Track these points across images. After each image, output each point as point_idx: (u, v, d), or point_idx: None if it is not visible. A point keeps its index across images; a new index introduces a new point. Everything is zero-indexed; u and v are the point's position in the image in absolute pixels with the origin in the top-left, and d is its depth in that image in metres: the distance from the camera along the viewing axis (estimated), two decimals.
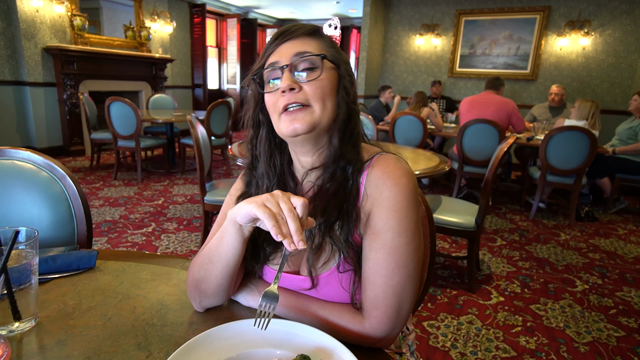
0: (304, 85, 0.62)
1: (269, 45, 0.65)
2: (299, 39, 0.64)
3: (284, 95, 0.61)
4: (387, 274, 0.60)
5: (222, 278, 0.63)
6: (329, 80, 0.63)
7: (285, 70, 0.62)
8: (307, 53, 0.62)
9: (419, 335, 1.76)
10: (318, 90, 0.62)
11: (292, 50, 0.62)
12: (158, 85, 6.23)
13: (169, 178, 4.27)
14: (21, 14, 4.48)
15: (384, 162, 0.64)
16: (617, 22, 4.94)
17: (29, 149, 1.03)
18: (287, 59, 0.62)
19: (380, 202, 0.61)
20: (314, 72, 0.62)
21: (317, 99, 0.62)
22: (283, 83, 0.61)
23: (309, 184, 0.69)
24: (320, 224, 0.63)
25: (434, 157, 2.38)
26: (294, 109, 0.62)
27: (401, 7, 6.20)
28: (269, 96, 0.64)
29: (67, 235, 1.03)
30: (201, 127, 2.30)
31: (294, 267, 0.69)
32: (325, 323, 0.62)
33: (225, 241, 0.60)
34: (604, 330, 1.87)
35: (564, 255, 2.74)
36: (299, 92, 0.61)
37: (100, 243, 2.59)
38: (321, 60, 0.63)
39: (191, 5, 7.13)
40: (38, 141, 4.87)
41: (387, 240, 0.60)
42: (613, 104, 5.05)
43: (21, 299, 0.59)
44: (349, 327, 0.61)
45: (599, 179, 3.69)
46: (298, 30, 0.64)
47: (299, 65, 0.62)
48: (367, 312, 0.61)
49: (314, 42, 0.64)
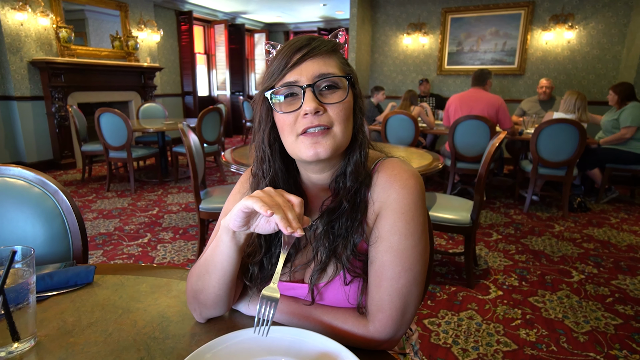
0: (327, 107, 0.59)
1: (285, 61, 0.59)
2: (320, 57, 0.60)
3: (306, 117, 0.58)
4: (393, 276, 0.60)
5: (219, 289, 0.62)
6: (349, 101, 0.62)
7: (307, 91, 0.58)
8: (331, 74, 0.59)
9: (420, 334, 1.77)
10: (342, 113, 0.60)
11: (315, 70, 0.59)
12: (147, 94, 6.19)
13: (163, 187, 4.24)
14: (5, 28, 4.43)
15: (390, 165, 0.64)
16: (599, 15, 5.02)
17: (19, 165, 1.02)
18: (309, 78, 0.58)
19: (387, 205, 0.61)
20: (337, 93, 0.60)
21: (341, 121, 0.60)
22: (308, 105, 0.57)
23: (319, 196, 0.69)
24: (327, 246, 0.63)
25: (426, 155, 2.39)
26: (315, 131, 0.59)
27: (387, 7, 6.24)
28: (285, 115, 0.60)
29: (63, 251, 1.02)
30: (193, 134, 2.29)
31: (299, 277, 0.68)
32: (329, 328, 0.62)
33: (220, 250, 0.60)
34: (602, 319, 1.89)
35: (559, 246, 2.77)
36: (323, 115, 0.59)
37: (95, 256, 2.56)
38: (347, 82, 0.61)
39: (178, 13, 7.11)
40: (28, 156, 4.81)
41: (394, 242, 0.60)
42: (600, 95, 5.13)
43: (19, 319, 0.58)
44: (354, 331, 0.61)
45: (590, 170, 3.74)
46: (320, 47, 0.60)
47: (321, 85, 0.59)
48: (372, 315, 0.61)
49: (334, 60, 0.61)
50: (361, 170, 0.64)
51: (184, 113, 7.53)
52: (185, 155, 4.55)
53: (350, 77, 0.61)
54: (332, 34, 0.65)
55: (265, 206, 0.50)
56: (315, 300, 0.65)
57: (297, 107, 0.59)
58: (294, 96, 0.60)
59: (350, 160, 0.64)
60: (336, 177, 0.66)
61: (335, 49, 0.62)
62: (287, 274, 0.69)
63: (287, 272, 0.69)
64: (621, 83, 3.69)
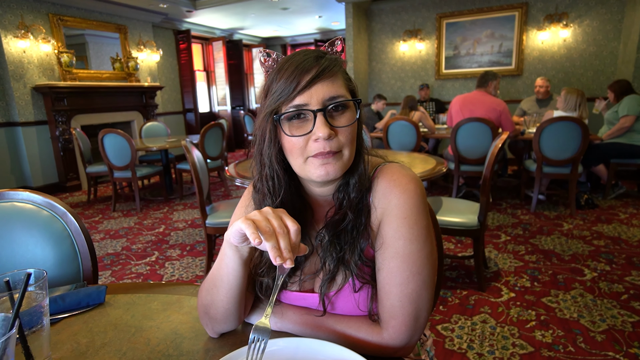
0: (338, 131, 0.59)
1: (295, 84, 0.57)
2: (328, 78, 0.58)
3: (317, 142, 0.58)
4: (402, 282, 0.60)
5: (228, 302, 0.62)
6: (356, 121, 0.61)
7: (319, 115, 0.57)
8: (341, 96, 0.59)
9: (434, 340, 1.74)
10: (350, 136, 0.60)
11: (325, 93, 0.58)
12: (149, 113, 6.26)
13: (168, 205, 4.25)
14: (8, 55, 4.52)
15: (389, 171, 0.64)
16: (593, 12, 5.05)
17: (26, 189, 1.03)
18: (319, 102, 0.57)
19: (389, 210, 0.61)
20: (345, 115, 0.60)
21: (349, 143, 0.60)
22: (321, 131, 0.56)
23: (323, 206, 0.69)
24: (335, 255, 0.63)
25: (430, 159, 2.39)
26: (324, 155, 0.58)
27: (382, 15, 6.31)
28: (295, 139, 0.59)
29: (73, 272, 1.02)
30: (196, 150, 2.31)
31: (308, 286, 0.68)
32: (343, 337, 0.61)
33: (225, 264, 0.60)
34: (618, 316, 1.86)
35: (569, 244, 2.74)
36: (334, 139, 0.58)
37: (104, 277, 2.56)
38: (355, 104, 0.61)
39: (176, 32, 7.23)
40: (33, 180, 4.85)
41: (399, 248, 0.60)
42: (599, 92, 5.13)
43: (34, 342, 0.58)
44: (368, 339, 0.60)
45: (595, 166, 3.72)
46: (328, 67, 0.58)
47: (330, 107, 0.58)
48: (385, 322, 0.61)
49: (340, 80, 0.60)
50: (365, 181, 0.64)
51: (186, 130, 7.60)
52: (189, 172, 4.57)
53: (359, 99, 0.61)
54: (328, 42, 0.64)
55: (255, 233, 0.49)
56: (327, 309, 0.65)
57: (307, 130, 0.58)
58: (302, 119, 0.59)
59: (355, 173, 0.64)
60: (339, 187, 0.66)
61: (340, 66, 0.61)
62: (296, 284, 0.69)
63: (296, 282, 0.68)
64: (617, 81, 3.75)
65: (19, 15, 4.59)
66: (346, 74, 0.63)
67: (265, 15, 7.13)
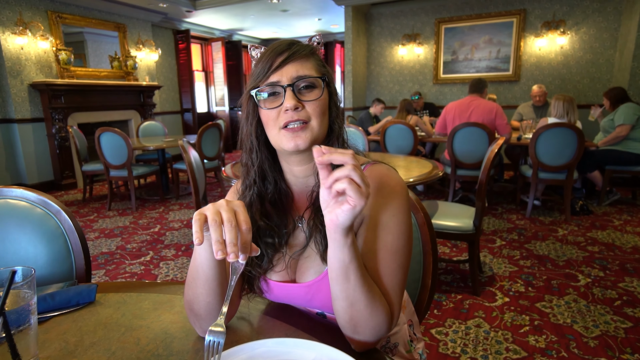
0: (305, 104, 0.66)
1: (269, 64, 0.66)
2: (298, 60, 0.67)
3: (287, 113, 0.65)
4: (390, 273, 0.63)
5: (208, 295, 0.62)
6: (325, 98, 0.68)
7: (287, 90, 0.65)
8: (309, 75, 0.66)
9: (428, 344, 1.74)
10: (318, 109, 0.67)
11: (294, 72, 0.66)
12: (147, 112, 6.24)
13: (164, 204, 4.23)
14: (5, 52, 4.50)
15: (377, 171, 0.68)
16: (590, 20, 5.10)
17: (20, 186, 1.03)
18: (289, 79, 0.66)
19: (377, 208, 0.65)
20: (314, 92, 0.67)
21: (317, 116, 0.67)
22: (288, 102, 0.64)
23: (303, 191, 0.73)
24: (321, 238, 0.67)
25: (426, 163, 2.40)
26: (295, 126, 0.65)
27: (381, 19, 6.34)
28: (269, 111, 0.67)
29: (65, 271, 1.01)
30: (193, 151, 2.31)
31: (290, 277, 0.71)
32: (369, 294, 0.60)
33: (197, 254, 0.60)
34: (611, 322, 1.86)
35: (564, 250, 2.75)
36: (302, 111, 0.66)
37: (98, 276, 2.54)
38: (322, 82, 0.68)
39: (175, 32, 7.22)
40: (29, 177, 4.82)
41: (388, 242, 0.64)
42: (595, 99, 5.16)
43: (20, 341, 0.57)
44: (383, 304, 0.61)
45: (590, 172, 3.74)
46: (299, 51, 0.67)
47: (299, 84, 0.66)
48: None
49: (311, 63, 0.68)
50: None
51: (184, 130, 7.58)
52: (185, 172, 4.56)
53: (325, 77, 0.68)
54: (308, 38, 0.72)
55: (198, 232, 0.49)
56: (313, 293, 0.68)
57: (279, 104, 0.66)
58: (276, 95, 0.67)
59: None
60: (315, 167, 0.70)
61: (312, 52, 0.69)
62: (281, 273, 0.71)
63: (281, 272, 0.71)
64: (612, 88, 3.77)
65: (18, 12, 4.57)
66: (320, 61, 0.70)
67: (265, 17, 7.14)
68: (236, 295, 0.70)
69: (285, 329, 0.67)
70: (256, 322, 0.71)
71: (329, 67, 0.72)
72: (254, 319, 0.72)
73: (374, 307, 0.58)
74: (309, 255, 0.69)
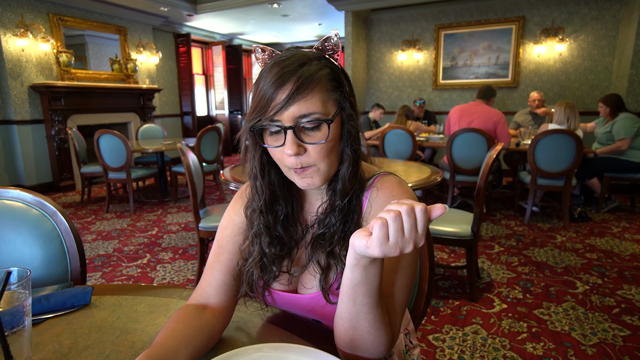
0: (308, 148, 0.60)
1: (269, 102, 0.59)
2: (302, 97, 0.58)
3: (289, 157, 0.60)
4: (395, 292, 0.62)
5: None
6: (333, 135, 0.61)
7: (288, 132, 0.59)
8: (314, 113, 0.59)
9: (424, 350, 1.73)
10: (322, 152, 0.61)
11: (296, 111, 0.58)
12: (147, 115, 6.25)
13: (162, 207, 4.22)
14: (6, 53, 4.50)
15: (388, 184, 0.67)
16: (588, 28, 5.13)
17: (17, 187, 1.02)
18: (291, 120, 0.58)
19: None
20: (319, 133, 0.60)
21: (322, 159, 0.61)
22: (289, 148, 0.59)
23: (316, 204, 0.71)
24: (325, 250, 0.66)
25: (425, 168, 2.40)
26: (301, 170, 0.62)
27: (381, 25, 6.37)
28: (273, 150, 0.63)
29: (61, 273, 1.01)
30: (192, 154, 2.30)
31: (291, 287, 0.70)
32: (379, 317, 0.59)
33: None
34: (609, 330, 1.86)
35: (562, 257, 2.74)
36: (304, 155, 0.61)
37: (94, 278, 2.53)
38: (328, 124, 0.60)
39: (176, 36, 7.25)
40: (27, 179, 4.81)
41: (394, 260, 0.63)
42: (594, 106, 5.17)
43: (14, 343, 0.57)
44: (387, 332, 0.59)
45: (588, 179, 3.74)
46: (303, 86, 0.58)
47: (302, 125, 0.59)
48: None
49: (318, 94, 0.59)
50: (348, 187, 0.65)
51: (183, 133, 7.59)
52: (184, 175, 4.56)
53: (331, 121, 0.60)
54: (323, 39, 0.63)
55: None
56: (314, 305, 0.66)
57: (281, 143, 0.60)
58: (279, 132, 0.60)
59: (339, 180, 0.66)
60: (329, 183, 0.67)
61: (320, 79, 0.59)
62: (285, 284, 0.69)
63: (284, 282, 0.69)
64: (610, 95, 3.73)
65: (19, 14, 4.59)
66: (331, 83, 0.61)
67: (266, 22, 7.17)
68: (232, 300, 0.70)
69: (281, 335, 0.67)
70: (252, 327, 0.71)
71: (344, 75, 0.64)
72: (250, 324, 0.72)
73: (377, 335, 0.57)
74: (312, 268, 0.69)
